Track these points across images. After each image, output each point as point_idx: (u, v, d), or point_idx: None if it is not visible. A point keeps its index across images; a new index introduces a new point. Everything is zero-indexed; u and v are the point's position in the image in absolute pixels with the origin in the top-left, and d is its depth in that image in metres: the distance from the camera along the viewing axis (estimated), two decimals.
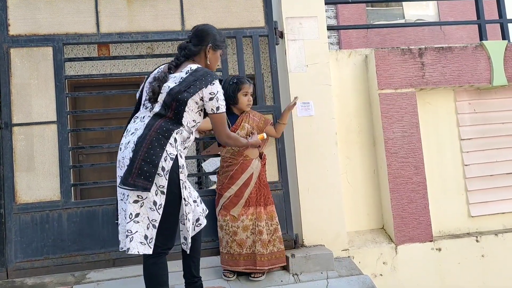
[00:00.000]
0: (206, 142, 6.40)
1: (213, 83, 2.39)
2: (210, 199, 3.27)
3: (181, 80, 2.39)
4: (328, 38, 3.89)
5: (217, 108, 2.40)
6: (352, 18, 8.02)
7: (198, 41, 2.53)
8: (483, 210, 3.97)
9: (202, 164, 5.83)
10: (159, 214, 2.24)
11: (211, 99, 2.38)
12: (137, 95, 2.57)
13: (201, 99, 2.38)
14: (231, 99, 3.03)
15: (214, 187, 3.47)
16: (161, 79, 2.41)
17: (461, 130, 4.01)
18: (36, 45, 3.27)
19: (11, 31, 3.26)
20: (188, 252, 2.45)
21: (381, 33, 8.18)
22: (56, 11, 3.32)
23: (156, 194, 2.24)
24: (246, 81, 3.10)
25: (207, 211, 2.71)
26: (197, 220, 2.54)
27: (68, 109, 3.31)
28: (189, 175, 2.68)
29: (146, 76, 2.55)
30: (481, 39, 4.27)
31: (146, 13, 3.43)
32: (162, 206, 2.25)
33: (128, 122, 2.49)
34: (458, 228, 3.94)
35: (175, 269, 3.05)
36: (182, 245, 2.46)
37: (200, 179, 6.30)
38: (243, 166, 3.06)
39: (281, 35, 3.57)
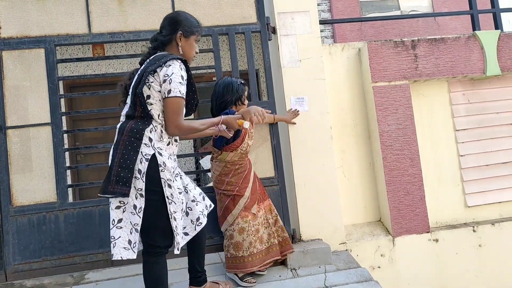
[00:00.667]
0: (203, 139, 6.41)
1: (169, 65, 2.24)
2: (210, 196, 3.27)
3: (139, 73, 2.32)
4: (322, 31, 3.90)
5: (168, 92, 2.21)
6: (346, 11, 8.00)
7: (168, 30, 2.41)
8: (480, 200, 3.98)
9: (200, 161, 5.83)
10: (140, 217, 2.21)
11: (164, 81, 2.21)
12: None
13: (160, 84, 2.24)
14: (240, 98, 3.05)
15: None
16: (127, 80, 2.40)
17: (455, 121, 4.02)
18: (27, 47, 3.26)
19: (2, 34, 3.25)
20: (176, 252, 2.35)
21: (375, 25, 8.16)
22: (47, 12, 3.31)
23: (136, 198, 2.21)
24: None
25: (212, 206, 2.67)
26: (197, 219, 2.49)
27: (62, 110, 3.31)
28: (186, 173, 2.67)
29: None
30: (474, 29, 4.26)
31: (137, 12, 3.42)
32: (142, 209, 2.21)
33: None
34: (455, 219, 3.96)
35: (173, 267, 3.08)
36: (176, 244, 2.37)
37: (199, 176, 6.30)
38: (250, 164, 3.11)
39: (274, 30, 3.57)
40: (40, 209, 3.17)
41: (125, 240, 2.24)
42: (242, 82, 3.10)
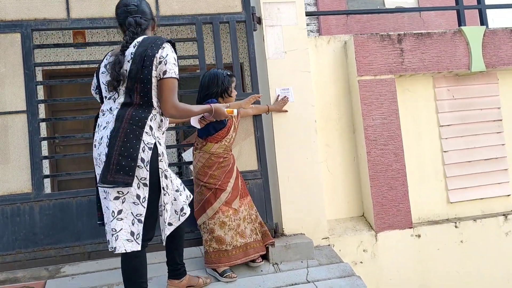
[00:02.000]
0: (186, 132, 6.33)
1: (163, 47, 2.22)
2: (190, 188, 3.19)
3: (132, 56, 2.21)
4: (308, 25, 3.85)
5: (164, 73, 2.19)
6: (332, 5, 7.95)
7: (146, 15, 2.37)
8: (462, 196, 3.99)
9: (183, 154, 5.74)
10: (144, 207, 2.15)
11: (160, 63, 2.19)
12: (93, 91, 2.46)
13: (156, 67, 2.20)
14: (227, 91, 2.99)
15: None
16: (118, 63, 2.22)
17: (440, 117, 4.01)
18: (3, 31, 3.12)
19: None
20: (163, 243, 2.36)
21: (361, 20, 8.14)
22: None
23: (139, 187, 2.14)
24: (232, 74, 3.10)
25: (191, 197, 2.60)
26: (182, 209, 2.44)
27: (38, 98, 3.19)
28: (169, 165, 2.60)
29: (96, 69, 2.40)
30: (459, 25, 4.25)
31: None
32: (146, 199, 2.15)
33: (96, 117, 2.35)
34: (437, 214, 3.96)
35: (152, 261, 3.00)
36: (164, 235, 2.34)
37: (181, 169, 6.21)
38: (233, 159, 3.06)
39: (259, 20, 3.49)
40: (14, 200, 3.05)
41: (127, 232, 2.15)
42: (229, 73, 3.02)
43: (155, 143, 2.19)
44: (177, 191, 2.44)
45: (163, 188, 2.23)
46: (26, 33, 3.15)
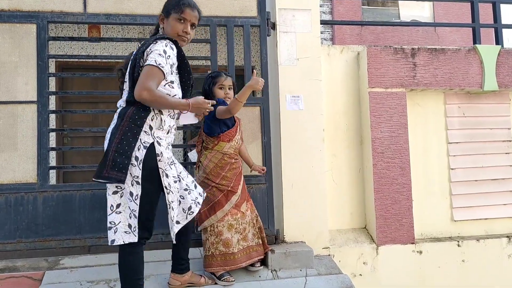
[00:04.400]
0: (193, 132, 6.33)
1: (156, 42, 2.22)
2: None
3: (132, 57, 2.31)
4: (321, 33, 3.84)
5: (145, 61, 2.18)
6: (347, 14, 7.96)
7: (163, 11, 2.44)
8: (466, 215, 3.95)
9: (188, 154, 5.75)
10: (137, 204, 2.20)
11: (147, 54, 2.19)
12: None
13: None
14: (208, 93, 3.00)
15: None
16: (124, 64, 2.37)
17: (449, 134, 3.99)
18: (19, 21, 3.15)
19: None
20: (174, 242, 2.42)
21: (375, 31, 8.13)
22: None
23: (132, 185, 2.19)
24: (223, 74, 3.04)
25: (204, 194, 2.63)
26: (189, 208, 2.46)
27: (49, 89, 3.20)
28: None
29: None
30: (474, 42, 4.23)
31: None
32: (139, 196, 2.19)
33: None
34: (440, 232, 3.92)
35: (152, 259, 3.01)
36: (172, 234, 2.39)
37: (186, 168, 6.21)
38: (241, 163, 3.08)
39: (273, 26, 3.50)
40: (18, 189, 3.07)
41: (125, 224, 2.23)
42: (213, 75, 3.03)
43: (152, 142, 2.22)
44: (185, 189, 2.46)
45: (165, 187, 2.27)
46: (42, 24, 3.18)
